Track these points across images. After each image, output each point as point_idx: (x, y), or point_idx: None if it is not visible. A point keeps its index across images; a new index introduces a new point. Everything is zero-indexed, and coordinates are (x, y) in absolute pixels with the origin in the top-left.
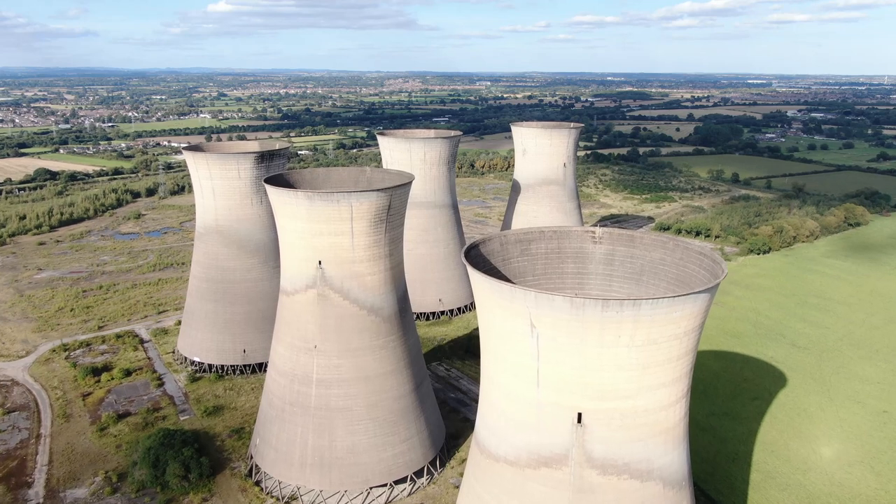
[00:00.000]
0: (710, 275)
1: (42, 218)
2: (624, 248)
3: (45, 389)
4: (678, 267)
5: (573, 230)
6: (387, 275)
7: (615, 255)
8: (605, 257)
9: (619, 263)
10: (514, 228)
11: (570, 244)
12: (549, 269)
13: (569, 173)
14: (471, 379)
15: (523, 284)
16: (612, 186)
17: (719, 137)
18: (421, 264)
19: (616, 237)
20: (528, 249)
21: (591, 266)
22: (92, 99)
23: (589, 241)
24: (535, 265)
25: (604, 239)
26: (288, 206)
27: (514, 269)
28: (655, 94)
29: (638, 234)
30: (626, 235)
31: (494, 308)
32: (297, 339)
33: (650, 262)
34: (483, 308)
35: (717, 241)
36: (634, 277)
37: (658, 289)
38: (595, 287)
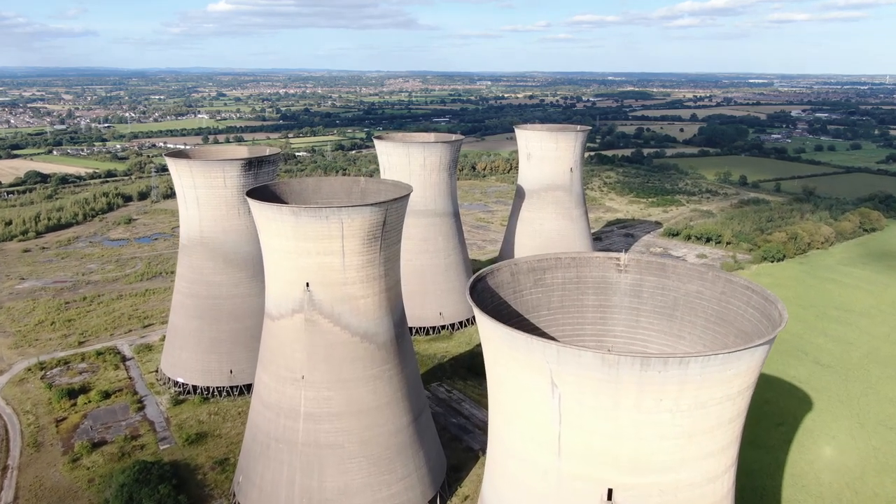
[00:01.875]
0: (762, 315)
1: (28, 223)
2: (654, 277)
3: (17, 414)
4: (719, 302)
5: (594, 256)
6: (382, 297)
7: (643, 285)
8: (631, 288)
9: (649, 296)
10: (529, 255)
11: (590, 273)
12: (566, 302)
13: (575, 178)
14: (473, 402)
15: (537, 320)
16: (618, 189)
17: (724, 138)
18: (420, 276)
19: (644, 265)
20: (543, 279)
21: (616, 298)
22: (90, 99)
23: (613, 269)
24: (550, 297)
25: (630, 267)
26: (272, 222)
27: (526, 303)
28: (657, 94)
29: (670, 262)
30: (656, 264)
31: (507, 360)
32: (282, 369)
33: (685, 295)
34: (492, 357)
35: (729, 248)
36: (666, 312)
37: (695, 326)
38: (620, 322)
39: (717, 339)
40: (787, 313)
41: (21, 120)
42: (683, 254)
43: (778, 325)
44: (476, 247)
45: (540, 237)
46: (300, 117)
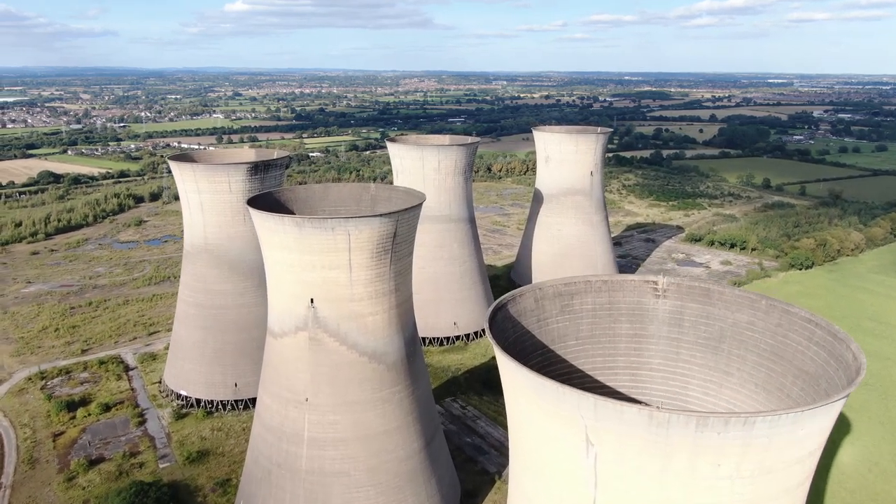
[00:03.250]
0: (829, 355)
1: (38, 225)
2: (696, 304)
3: (14, 427)
4: (774, 335)
5: (629, 280)
6: (392, 314)
7: (684, 313)
8: (671, 316)
9: (691, 325)
10: (552, 279)
11: (624, 298)
12: (597, 331)
13: (596, 182)
14: (489, 419)
15: (564, 351)
16: (637, 192)
17: (745, 139)
18: (434, 284)
19: (686, 290)
20: (571, 305)
21: (653, 327)
22: (107, 98)
23: (650, 294)
24: (579, 326)
25: (669, 292)
26: (274, 233)
27: (552, 332)
28: (675, 94)
29: (716, 287)
30: (699, 289)
31: (532, 407)
32: (285, 390)
33: (733, 326)
34: (515, 400)
35: (755, 255)
36: (711, 345)
37: (744, 362)
38: (657, 353)
39: (771, 378)
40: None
41: (38, 119)
42: (707, 260)
43: (853, 370)
44: (491, 251)
45: (559, 243)
46: (315, 117)
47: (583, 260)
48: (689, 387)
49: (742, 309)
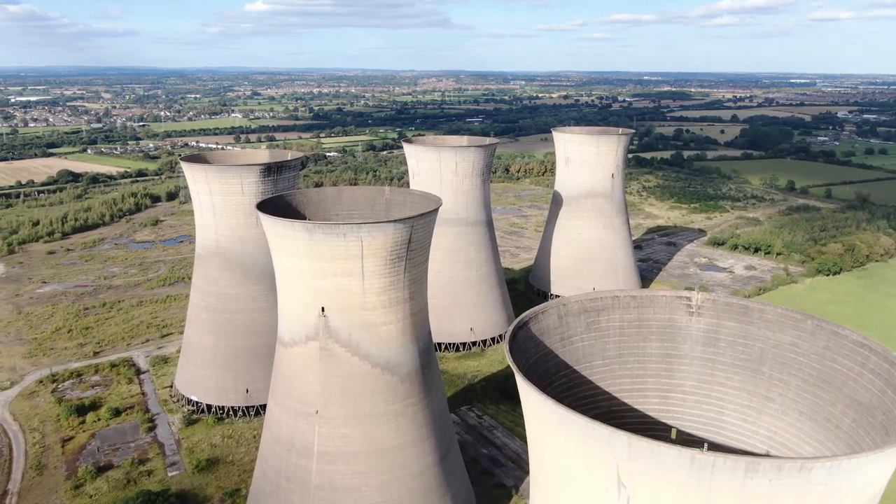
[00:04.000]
0: (886, 384)
1: (55, 224)
2: (734, 323)
3: (23, 431)
4: (821, 359)
5: (660, 295)
6: (406, 324)
7: (721, 332)
8: (705, 335)
9: (728, 345)
10: (577, 295)
11: (655, 315)
12: (625, 350)
13: (617, 185)
14: (506, 430)
15: (589, 371)
16: (658, 194)
17: (768, 140)
18: (450, 289)
19: (722, 307)
20: (597, 323)
21: (686, 346)
22: (128, 98)
23: (682, 310)
24: (606, 344)
25: (704, 309)
26: (283, 238)
27: (577, 351)
28: (695, 94)
29: (756, 305)
30: (737, 306)
31: (557, 441)
32: (294, 401)
33: (775, 347)
34: (537, 430)
35: (780, 259)
36: (750, 367)
37: (787, 387)
38: (691, 375)
39: (818, 407)
40: None
41: (59, 118)
42: (730, 265)
43: None
44: (509, 254)
45: (578, 247)
46: (333, 117)
47: (603, 264)
48: (725, 412)
49: (785, 329)
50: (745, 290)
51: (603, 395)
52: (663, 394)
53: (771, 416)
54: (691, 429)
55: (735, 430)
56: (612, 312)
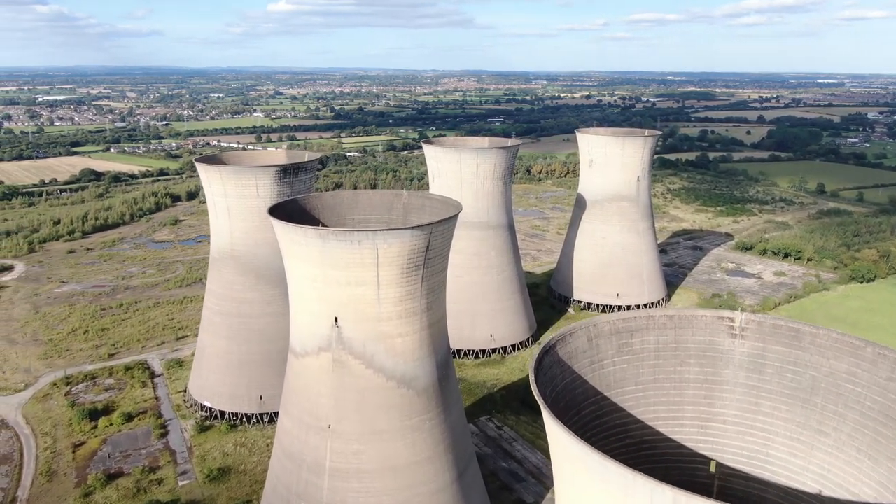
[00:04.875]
0: None
1: (76, 223)
2: (782, 347)
3: (35, 435)
4: (884, 392)
5: (699, 315)
6: (423, 335)
7: (767, 357)
8: (750, 360)
9: (775, 372)
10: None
11: (693, 337)
12: (660, 375)
13: (643, 188)
14: (527, 442)
15: (621, 398)
16: (683, 196)
17: (797, 142)
18: (470, 294)
19: (769, 330)
20: (630, 345)
21: (728, 372)
22: (152, 97)
23: (724, 332)
24: (639, 368)
25: (749, 331)
26: (295, 245)
27: (608, 376)
28: (720, 95)
29: (808, 328)
30: (786, 329)
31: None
32: (306, 415)
33: (829, 376)
34: (565, 470)
35: (811, 266)
36: (800, 397)
37: (844, 421)
38: (733, 404)
39: (879, 445)
40: None
41: (84, 117)
42: (759, 270)
43: None
44: (530, 257)
45: (603, 251)
46: (354, 116)
47: (627, 270)
48: (772, 445)
49: (841, 356)
50: (775, 298)
51: (636, 424)
52: (702, 423)
53: (824, 453)
54: (733, 462)
55: (783, 465)
56: (646, 334)
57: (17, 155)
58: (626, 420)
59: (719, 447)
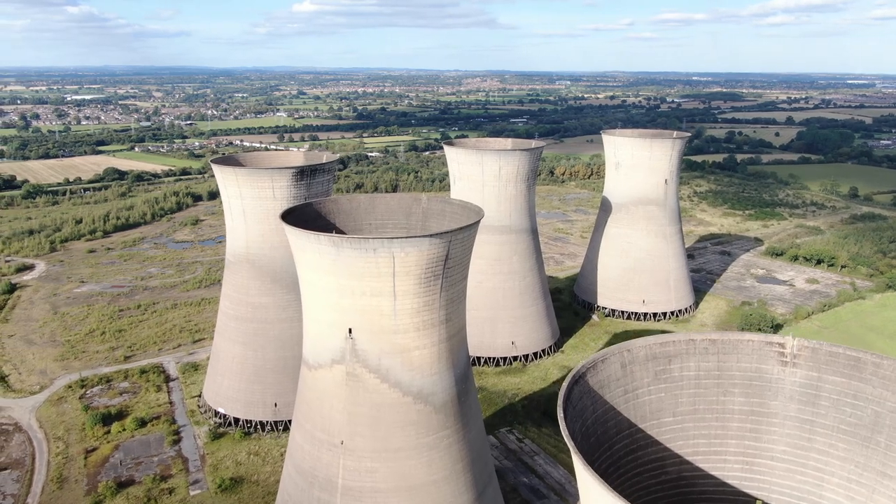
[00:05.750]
0: None
1: (97, 223)
2: (840, 378)
3: (48, 440)
4: None
5: (745, 340)
6: (441, 348)
7: (822, 388)
8: (802, 391)
9: (831, 405)
10: (644, 338)
11: (738, 364)
12: (701, 405)
13: (670, 192)
14: (549, 456)
15: (657, 430)
16: (710, 200)
17: (827, 144)
18: (491, 300)
19: (825, 358)
20: (668, 372)
21: (777, 403)
22: (177, 97)
23: (773, 359)
24: (678, 398)
25: (801, 358)
26: (308, 252)
27: (643, 406)
28: (747, 95)
29: (869, 356)
30: (844, 357)
31: None
32: (318, 430)
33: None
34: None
35: (845, 273)
36: (861, 434)
37: None
38: (782, 439)
39: None
40: None
41: (111, 116)
42: (790, 277)
43: None
44: (553, 261)
45: (628, 257)
46: (376, 116)
47: (654, 276)
48: (826, 486)
49: None
50: (808, 306)
51: (673, 459)
52: (747, 459)
53: (888, 498)
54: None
55: None
56: (686, 359)
57: (44, 154)
58: (663, 454)
59: (766, 486)
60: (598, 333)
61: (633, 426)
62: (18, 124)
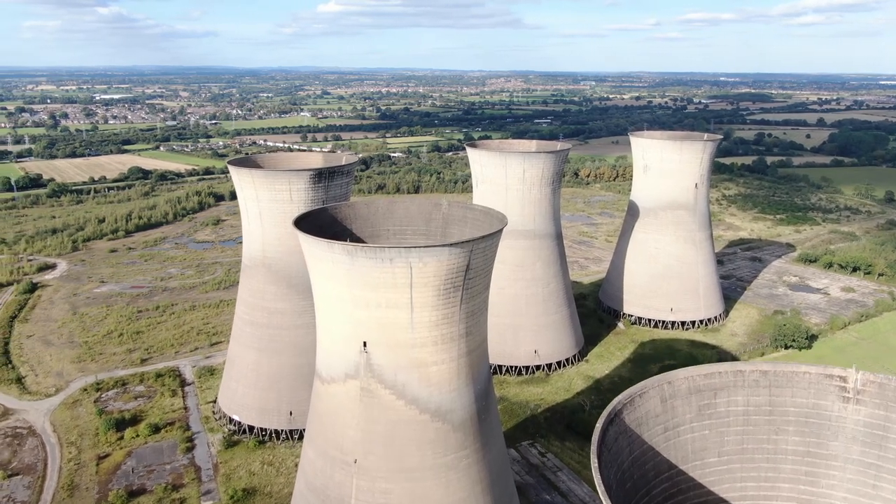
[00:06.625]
0: None
1: (119, 222)
2: None
3: (61, 445)
4: None
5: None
6: (461, 363)
7: (891, 428)
8: (867, 431)
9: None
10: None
11: (793, 399)
12: (750, 444)
13: (701, 196)
14: (573, 472)
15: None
16: (739, 203)
17: (861, 146)
18: (514, 307)
19: (894, 394)
20: (713, 406)
21: (838, 444)
22: (203, 96)
23: (833, 394)
24: (723, 436)
25: (866, 394)
26: (321, 261)
27: (684, 445)
28: (777, 96)
29: None
30: None
31: None
32: (331, 447)
33: None
34: None
35: (882, 281)
36: None
37: None
38: (842, 485)
39: None
40: None
41: (137, 116)
42: (825, 285)
43: None
44: (577, 266)
45: (656, 263)
46: (399, 116)
47: (682, 283)
48: None
49: None
50: (844, 316)
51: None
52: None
53: None
54: None
55: None
56: (733, 393)
57: (71, 152)
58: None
59: None
60: (624, 342)
61: (674, 468)
62: (47, 123)
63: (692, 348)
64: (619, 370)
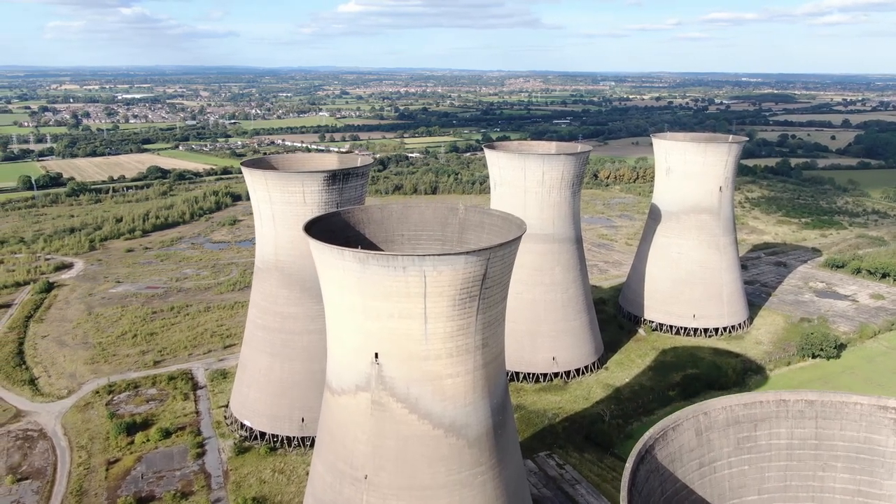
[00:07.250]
0: None
1: (136, 222)
2: None
3: (71, 449)
4: None
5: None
6: (477, 376)
7: None
8: None
9: None
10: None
11: (842, 431)
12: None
13: (725, 200)
14: (591, 486)
15: None
16: (763, 206)
17: (888, 148)
18: (532, 313)
19: None
20: (754, 440)
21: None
22: (223, 96)
23: (889, 427)
24: (765, 472)
25: None
26: (331, 268)
27: (721, 482)
28: (800, 97)
29: None
30: None
31: None
32: (340, 461)
33: None
34: None
35: None
36: None
37: None
38: None
39: None
40: None
41: (158, 115)
42: (853, 292)
43: None
44: (597, 269)
45: (678, 269)
46: (417, 116)
47: (706, 289)
48: None
49: None
50: (874, 325)
51: None
52: None
53: None
54: None
55: None
56: (775, 425)
57: (91, 151)
58: None
59: None
60: (645, 349)
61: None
62: (69, 122)
63: (715, 356)
64: (639, 378)
